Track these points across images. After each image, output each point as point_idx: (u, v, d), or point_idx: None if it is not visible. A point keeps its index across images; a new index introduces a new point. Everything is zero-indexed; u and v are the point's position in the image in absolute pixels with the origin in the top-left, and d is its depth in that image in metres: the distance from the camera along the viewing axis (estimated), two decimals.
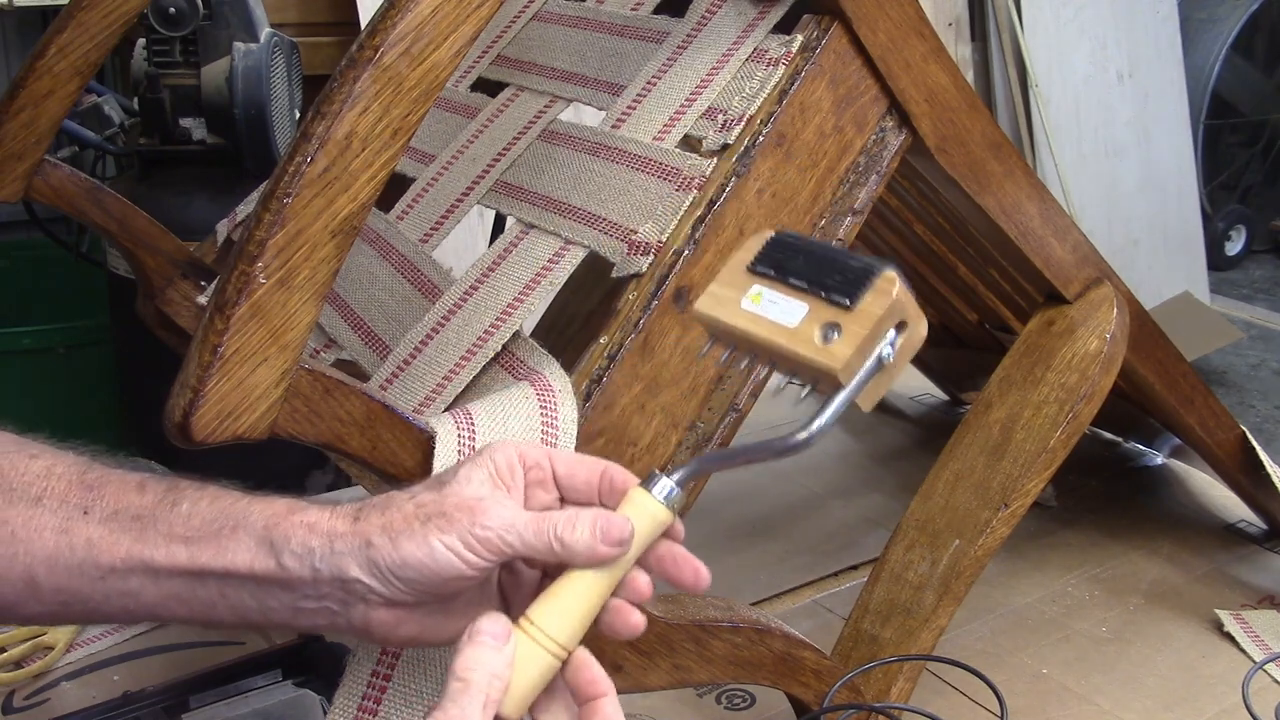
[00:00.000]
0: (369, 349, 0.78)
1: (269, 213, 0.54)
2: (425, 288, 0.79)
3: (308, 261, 0.55)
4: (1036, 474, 0.88)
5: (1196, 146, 3.55)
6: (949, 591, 0.86)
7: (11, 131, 0.85)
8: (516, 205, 0.80)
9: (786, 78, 0.74)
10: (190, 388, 0.54)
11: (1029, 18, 3.15)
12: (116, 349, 1.89)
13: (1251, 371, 3.42)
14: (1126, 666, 0.98)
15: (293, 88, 1.69)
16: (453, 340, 0.73)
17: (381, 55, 0.55)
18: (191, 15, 1.57)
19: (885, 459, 1.37)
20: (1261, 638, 1.01)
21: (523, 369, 0.69)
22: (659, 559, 0.56)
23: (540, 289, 0.73)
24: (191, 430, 0.54)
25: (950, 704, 0.89)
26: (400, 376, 0.74)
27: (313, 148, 0.55)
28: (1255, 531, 1.19)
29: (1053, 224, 0.91)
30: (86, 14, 0.85)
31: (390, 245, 0.84)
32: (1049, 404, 0.90)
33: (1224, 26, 3.77)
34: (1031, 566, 1.13)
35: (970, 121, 0.83)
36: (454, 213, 0.84)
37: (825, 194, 0.76)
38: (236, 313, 0.54)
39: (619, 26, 0.86)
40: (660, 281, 0.70)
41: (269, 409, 0.56)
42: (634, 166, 0.75)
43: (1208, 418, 1.07)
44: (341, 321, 0.82)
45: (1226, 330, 3.12)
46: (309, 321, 0.56)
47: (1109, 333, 0.91)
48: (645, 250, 0.70)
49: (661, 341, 0.70)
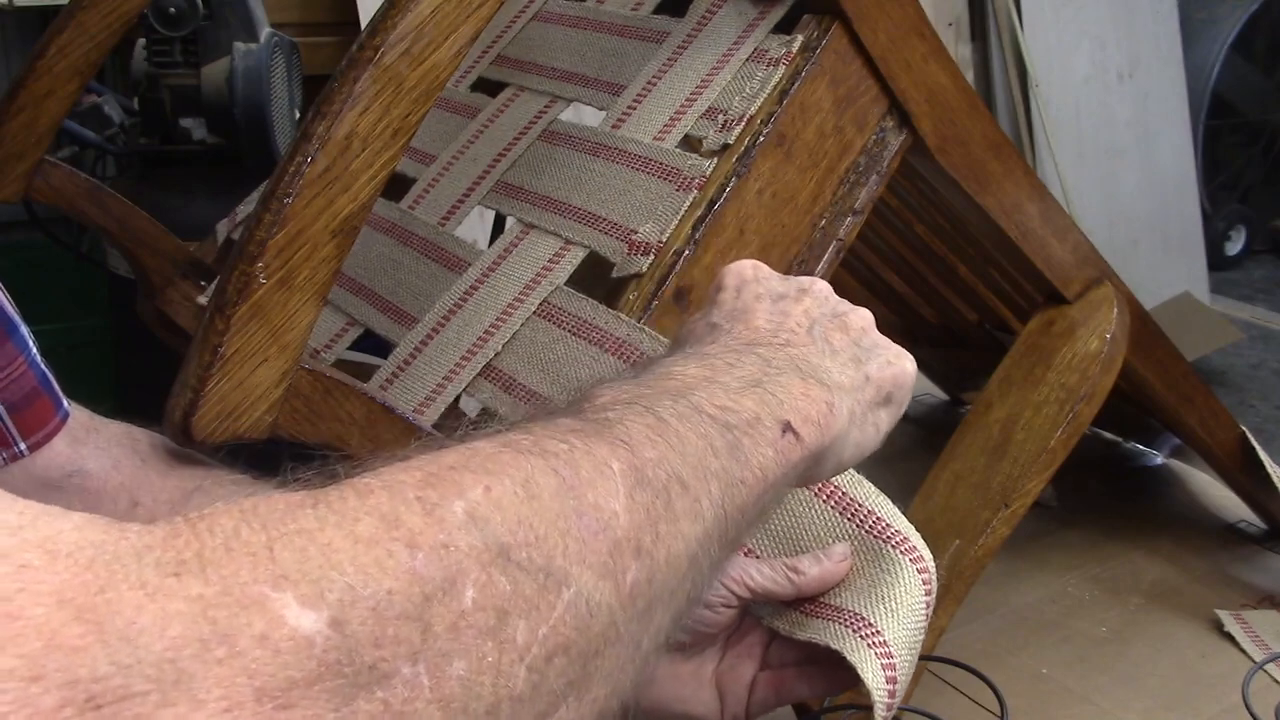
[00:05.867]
0: (401, 327, 0.78)
1: (269, 213, 0.54)
2: (451, 263, 0.79)
3: (308, 261, 0.55)
4: (1037, 474, 0.88)
5: (1196, 146, 3.55)
6: (949, 591, 0.86)
7: (11, 131, 0.85)
8: (517, 205, 0.80)
9: (787, 78, 0.74)
10: (190, 388, 0.54)
11: (1029, 18, 3.14)
12: (116, 349, 1.89)
13: (1251, 371, 3.42)
14: (1126, 666, 0.98)
15: (293, 88, 1.69)
16: (453, 340, 0.73)
17: (382, 55, 0.55)
18: (191, 15, 1.57)
19: (885, 459, 1.36)
20: (1261, 638, 1.01)
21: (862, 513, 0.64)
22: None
23: (540, 289, 0.73)
24: (192, 430, 0.54)
25: (950, 704, 0.89)
26: (400, 376, 0.74)
27: (313, 148, 0.55)
28: (1255, 531, 1.19)
29: (1053, 224, 0.91)
30: (86, 14, 0.85)
31: (410, 232, 0.84)
32: (1049, 404, 0.90)
33: (1224, 26, 3.76)
34: (1031, 566, 1.13)
35: (970, 122, 0.83)
36: (455, 213, 0.84)
37: (825, 194, 0.76)
38: (236, 313, 0.54)
39: (619, 26, 0.86)
40: (660, 281, 0.70)
41: (269, 409, 0.56)
42: (634, 166, 0.75)
43: (1208, 418, 1.07)
44: (370, 307, 0.81)
45: (1226, 330, 3.11)
46: (309, 321, 0.56)
47: (1109, 333, 0.91)
48: (645, 250, 0.70)
49: (661, 336, 0.70)
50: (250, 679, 0.26)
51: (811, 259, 0.76)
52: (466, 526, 0.32)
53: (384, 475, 0.33)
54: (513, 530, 0.33)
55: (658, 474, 0.38)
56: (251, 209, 0.59)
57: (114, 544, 0.27)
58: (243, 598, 0.27)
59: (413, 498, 0.32)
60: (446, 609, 0.30)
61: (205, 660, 0.26)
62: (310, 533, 0.30)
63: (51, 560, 0.26)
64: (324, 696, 0.27)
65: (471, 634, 0.31)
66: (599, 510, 0.36)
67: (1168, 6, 3.42)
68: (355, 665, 0.28)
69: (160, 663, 0.26)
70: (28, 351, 0.63)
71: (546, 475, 0.35)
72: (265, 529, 0.29)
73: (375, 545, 0.30)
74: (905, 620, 0.58)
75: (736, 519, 0.42)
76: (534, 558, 0.33)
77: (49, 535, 0.27)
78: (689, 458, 0.40)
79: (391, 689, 0.29)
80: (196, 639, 0.26)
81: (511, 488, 0.34)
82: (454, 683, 0.30)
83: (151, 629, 0.26)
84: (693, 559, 0.39)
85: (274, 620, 0.27)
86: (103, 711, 0.25)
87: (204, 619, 0.27)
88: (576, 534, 0.35)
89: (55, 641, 0.25)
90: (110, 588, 0.26)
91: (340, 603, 0.28)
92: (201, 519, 0.29)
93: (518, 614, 0.32)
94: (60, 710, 0.24)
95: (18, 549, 0.26)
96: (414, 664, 0.29)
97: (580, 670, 0.34)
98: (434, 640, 0.30)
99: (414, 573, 0.30)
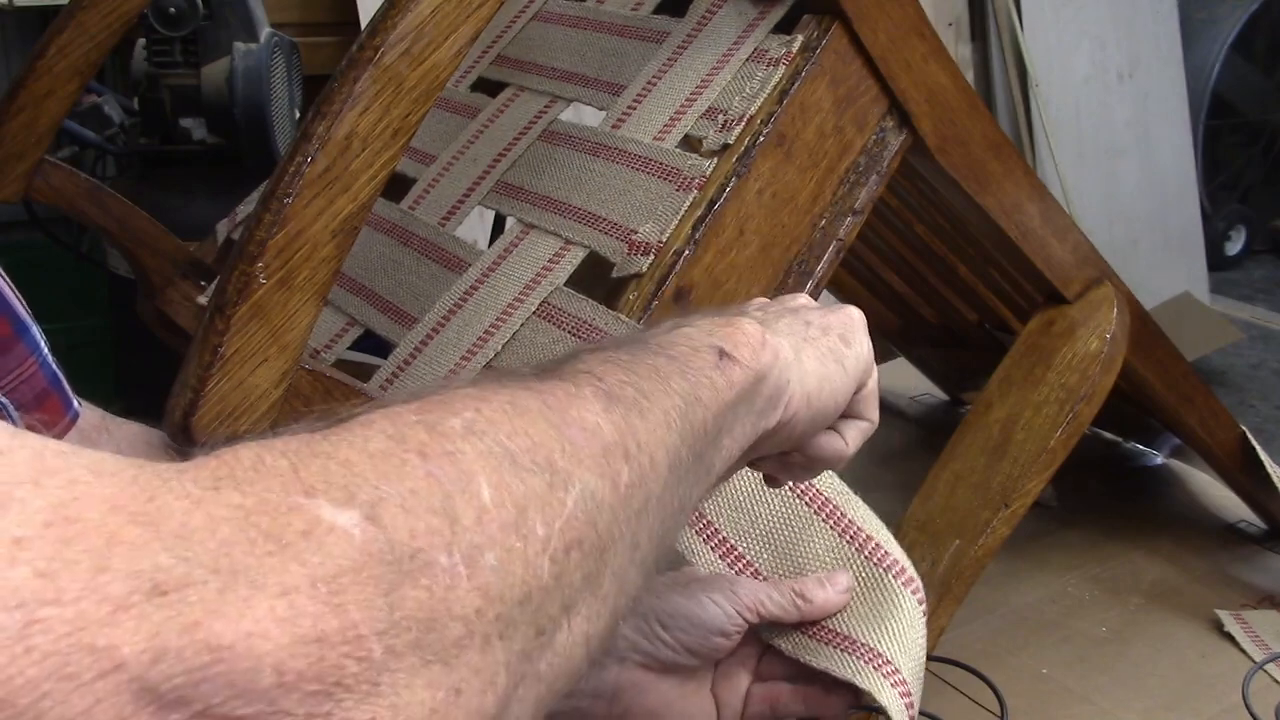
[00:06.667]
0: (401, 327, 0.78)
1: (269, 213, 0.54)
2: (451, 263, 0.79)
3: (308, 262, 0.55)
4: (1037, 474, 0.88)
5: (1196, 146, 3.55)
6: (949, 591, 0.86)
7: (11, 131, 0.85)
8: (517, 206, 0.80)
9: (787, 78, 0.74)
10: (190, 388, 0.54)
11: (1029, 18, 3.14)
12: (116, 349, 1.89)
13: (1251, 371, 3.42)
14: (1126, 666, 0.98)
15: (293, 88, 1.69)
16: (453, 340, 0.73)
17: (382, 55, 0.55)
18: (191, 15, 1.57)
19: (885, 459, 1.37)
20: (1261, 638, 1.01)
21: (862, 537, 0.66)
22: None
23: (540, 289, 0.73)
24: (192, 430, 0.54)
25: (950, 704, 0.89)
26: (400, 377, 0.74)
27: (313, 148, 0.55)
28: (1255, 531, 1.19)
29: (1053, 224, 0.91)
30: (86, 14, 0.85)
31: (410, 232, 0.84)
32: (1049, 404, 0.90)
33: (1224, 26, 3.76)
34: (1031, 566, 1.13)
35: (971, 122, 0.83)
36: (456, 213, 0.84)
37: (825, 194, 0.76)
38: (236, 313, 0.54)
39: (619, 26, 0.86)
40: (660, 282, 0.70)
41: (269, 409, 0.56)
42: (634, 166, 0.75)
43: (1208, 418, 1.07)
44: (370, 308, 0.81)
45: (1226, 330, 3.11)
46: (309, 322, 0.56)
47: (1109, 333, 0.91)
48: (645, 250, 0.70)
49: None
50: (302, 566, 0.28)
51: (811, 259, 0.76)
52: (468, 437, 0.34)
53: (382, 409, 0.35)
54: (510, 436, 0.35)
55: (625, 391, 0.41)
56: (251, 209, 0.59)
57: (151, 467, 0.29)
58: (280, 505, 0.29)
59: (414, 420, 0.34)
60: (468, 504, 0.32)
61: (256, 554, 0.28)
62: (327, 454, 0.32)
63: (99, 476, 0.27)
64: (371, 583, 0.29)
65: (496, 526, 0.32)
66: (583, 420, 0.38)
67: (1168, 6, 3.42)
68: (397, 554, 0.30)
69: (216, 555, 0.27)
70: (39, 352, 0.63)
71: (529, 398, 0.38)
72: (285, 455, 0.31)
73: (390, 456, 0.32)
74: (911, 650, 0.61)
75: (701, 435, 0.44)
76: (536, 459, 0.35)
77: (95, 459, 0.28)
78: (648, 379, 0.43)
79: (433, 576, 0.30)
80: (245, 538, 0.28)
81: (500, 405, 0.36)
82: (488, 572, 0.32)
83: (203, 529, 0.28)
84: (672, 467, 0.41)
85: (312, 519, 0.29)
86: (169, 597, 0.26)
87: (248, 523, 0.28)
88: (570, 439, 0.37)
89: (116, 539, 0.26)
90: (158, 497, 0.28)
91: (369, 502, 0.30)
92: (224, 453, 0.31)
93: (534, 509, 0.34)
94: (129, 597, 0.25)
95: (66, 468, 0.27)
96: (449, 554, 0.31)
97: (594, 564, 0.36)
98: (463, 532, 0.31)
99: (431, 475, 0.32)
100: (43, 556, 0.25)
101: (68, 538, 0.26)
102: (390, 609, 0.29)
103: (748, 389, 0.47)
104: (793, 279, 0.75)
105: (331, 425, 0.34)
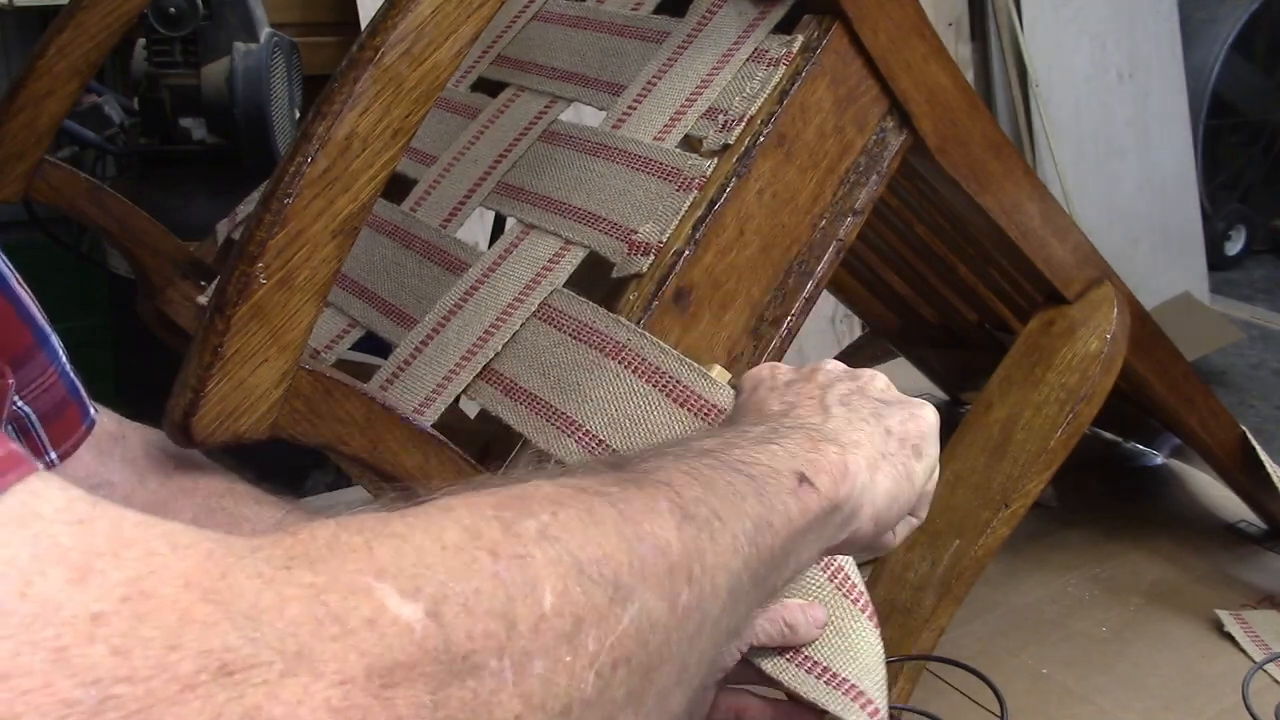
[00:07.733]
0: (402, 328, 0.78)
1: (269, 213, 0.54)
2: (452, 264, 0.79)
3: (308, 262, 0.55)
4: (1037, 474, 0.88)
5: (1196, 146, 3.55)
6: (949, 592, 0.86)
7: (11, 131, 0.85)
8: (517, 206, 0.80)
9: (787, 78, 0.74)
10: (190, 388, 0.54)
11: (1029, 17, 3.15)
12: (116, 349, 1.89)
13: (1251, 371, 3.42)
14: (1126, 666, 0.98)
15: (293, 88, 1.69)
16: (453, 340, 0.73)
17: (382, 55, 0.55)
18: (191, 15, 1.58)
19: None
20: (1261, 638, 1.01)
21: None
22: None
23: (540, 289, 0.73)
24: (192, 430, 0.54)
25: (950, 704, 0.89)
26: (400, 377, 0.74)
27: (313, 148, 0.54)
28: (1255, 531, 1.19)
29: (1053, 224, 0.91)
30: (86, 14, 0.85)
31: (412, 235, 0.84)
32: (1049, 404, 0.90)
33: (1224, 26, 3.76)
34: (1031, 566, 1.13)
35: (971, 122, 0.83)
36: (457, 215, 0.84)
37: (826, 194, 0.76)
38: (236, 313, 0.54)
39: (619, 26, 0.86)
40: (660, 282, 0.70)
41: (269, 409, 0.56)
42: (634, 167, 0.75)
43: (1208, 418, 1.07)
44: (372, 310, 0.81)
45: (1226, 330, 3.12)
46: (310, 322, 0.56)
47: (1109, 333, 0.91)
48: (645, 250, 0.70)
49: (662, 342, 0.70)
50: (361, 656, 0.29)
51: (812, 259, 0.76)
52: (540, 542, 0.35)
53: (461, 496, 0.36)
54: (582, 546, 0.36)
55: (700, 510, 0.41)
56: (251, 209, 0.59)
57: (226, 541, 0.30)
58: (350, 585, 0.30)
59: (491, 515, 0.35)
60: (529, 610, 0.33)
61: (321, 637, 0.29)
62: (403, 536, 0.32)
63: (174, 550, 0.28)
64: (423, 680, 0.30)
65: (550, 636, 0.33)
66: (655, 537, 0.39)
67: (1168, 6, 3.42)
68: (451, 654, 0.30)
69: (283, 637, 0.28)
70: (58, 361, 0.63)
71: (605, 507, 0.38)
72: (361, 533, 0.32)
73: (461, 551, 0.33)
74: (875, 675, 0.64)
75: (767, 560, 0.44)
76: (604, 572, 0.36)
77: (170, 529, 0.29)
78: (723, 499, 0.43)
79: (481, 680, 0.31)
80: (313, 619, 0.29)
81: (577, 513, 0.37)
82: (534, 680, 0.32)
83: (272, 609, 0.28)
84: (732, 591, 0.41)
85: (379, 607, 0.30)
86: (234, 678, 0.27)
87: (317, 602, 0.29)
88: (639, 555, 0.37)
89: (188, 617, 0.27)
90: (230, 574, 0.29)
91: (434, 597, 0.31)
92: (300, 529, 0.32)
93: (590, 622, 0.34)
94: (197, 675, 0.26)
95: (145, 539, 0.28)
96: (500, 659, 0.31)
97: (639, 682, 0.36)
98: (518, 639, 0.32)
99: (497, 576, 0.33)
100: (118, 633, 0.26)
101: (143, 614, 0.27)
102: (435, 707, 0.30)
103: (821, 516, 0.48)
104: (793, 279, 0.75)
105: (411, 504, 0.35)
